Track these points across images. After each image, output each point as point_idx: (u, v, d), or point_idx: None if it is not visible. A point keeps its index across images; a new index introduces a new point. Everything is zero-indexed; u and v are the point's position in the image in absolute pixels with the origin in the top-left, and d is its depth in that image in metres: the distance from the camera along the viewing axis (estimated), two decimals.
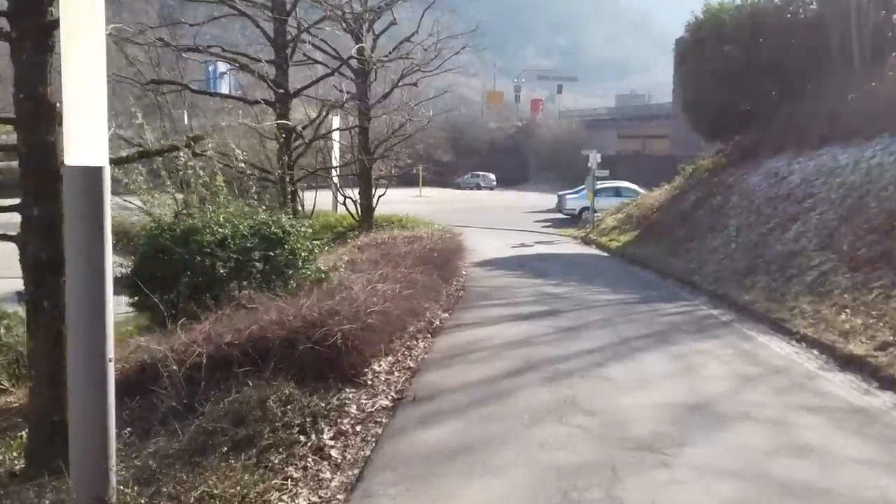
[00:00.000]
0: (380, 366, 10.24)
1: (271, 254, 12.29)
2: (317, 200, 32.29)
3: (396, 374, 10.20)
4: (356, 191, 26.93)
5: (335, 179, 28.98)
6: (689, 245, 23.56)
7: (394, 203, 47.88)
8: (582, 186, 39.66)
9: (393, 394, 9.31)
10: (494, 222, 38.22)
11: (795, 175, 22.07)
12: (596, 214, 34.06)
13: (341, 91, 22.03)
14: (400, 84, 23.13)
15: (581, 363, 11.13)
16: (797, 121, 24.63)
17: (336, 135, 28.77)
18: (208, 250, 11.71)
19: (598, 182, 35.24)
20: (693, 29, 30.68)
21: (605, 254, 27.77)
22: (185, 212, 12.30)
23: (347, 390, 9.02)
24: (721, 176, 27.51)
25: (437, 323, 13.82)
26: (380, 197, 27.27)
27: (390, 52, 21.68)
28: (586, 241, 31.36)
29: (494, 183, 74.16)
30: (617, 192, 38.94)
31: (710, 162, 30.55)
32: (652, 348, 12.35)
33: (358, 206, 25.88)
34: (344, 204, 27.49)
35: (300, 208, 26.83)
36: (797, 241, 18.53)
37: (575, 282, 20.00)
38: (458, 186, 72.70)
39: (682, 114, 35.24)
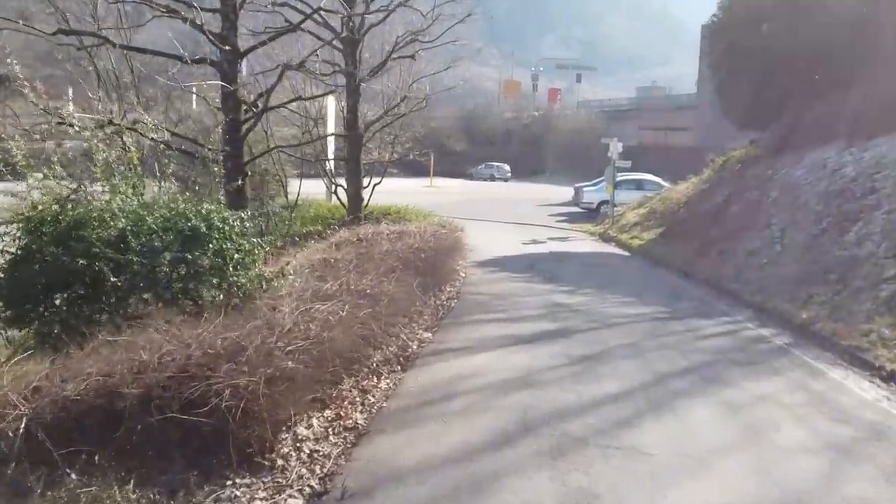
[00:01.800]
0: (308, 426, 6.97)
1: (189, 255, 9.03)
2: (308, 190, 29.34)
3: (332, 439, 6.91)
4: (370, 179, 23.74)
5: (329, 166, 25.71)
6: (723, 246, 20.16)
7: (402, 193, 44.85)
8: (600, 178, 36.23)
9: (314, 482, 6.01)
10: (506, 216, 34.80)
11: (849, 168, 18.61)
12: (616, 209, 30.63)
13: (328, 63, 18.82)
14: (395, 55, 19.86)
15: (601, 420, 7.81)
16: (846, 107, 21.15)
17: (331, 116, 25.54)
18: (97, 250, 8.47)
19: (619, 174, 31.82)
20: (726, 6, 27.19)
21: (626, 253, 24.37)
22: (74, 197, 9.08)
23: (238, 480, 5.74)
24: (756, 168, 24.05)
25: (414, 348, 10.54)
26: (375, 185, 23.98)
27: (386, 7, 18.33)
28: (605, 238, 27.94)
29: (509, 174, 70.59)
30: (639, 184, 35.46)
31: (743, 153, 27.12)
32: (697, 393, 9.03)
33: (346, 195, 22.64)
34: (335, 193, 24.25)
35: (285, 197, 23.79)
36: (860, 245, 15.18)
37: (592, 289, 16.67)
38: (472, 177, 69.18)
39: (711, 102, 31.88)
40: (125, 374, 5.85)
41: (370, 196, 23.72)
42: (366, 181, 23.75)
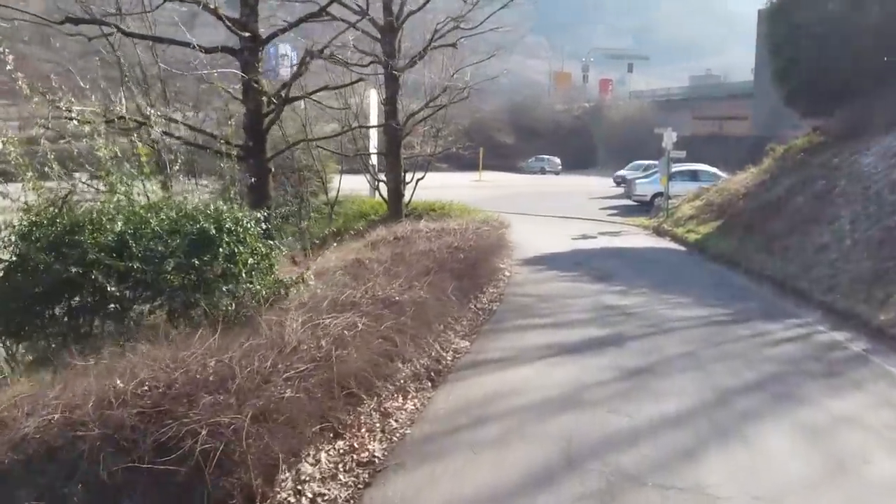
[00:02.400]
0: (315, 462, 5.97)
1: (196, 261, 8.12)
2: (352, 185, 28.56)
3: (342, 477, 5.91)
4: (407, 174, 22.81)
5: (372, 161, 24.80)
6: (788, 240, 18.71)
7: (449, 188, 43.87)
8: (654, 169, 34.71)
9: None
10: (555, 210, 33.51)
11: None
12: (670, 201, 29.16)
13: (365, 53, 17.82)
14: (435, 44, 18.78)
15: (658, 452, 6.69)
16: None
17: (373, 110, 24.63)
18: (93, 257, 7.60)
19: (674, 165, 30.33)
20: None
21: (682, 248, 22.97)
22: (70, 198, 8.20)
23: None
24: (821, 157, 22.47)
25: (448, 360, 9.50)
26: (418, 181, 22.97)
27: None
28: (659, 233, 26.54)
29: (560, 167, 68.96)
30: (694, 175, 33.81)
31: (806, 141, 25.53)
32: (768, 413, 7.85)
33: (386, 191, 21.69)
34: (377, 189, 23.34)
35: (325, 194, 22.95)
36: None
37: (646, 288, 15.44)
38: (522, 171, 67.71)
39: (769, 89, 30.11)
40: (90, 410, 4.91)
41: (413, 192, 22.74)
42: (408, 176, 22.79)
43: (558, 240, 23.31)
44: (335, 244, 18.69)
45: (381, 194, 22.61)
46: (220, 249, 8.31)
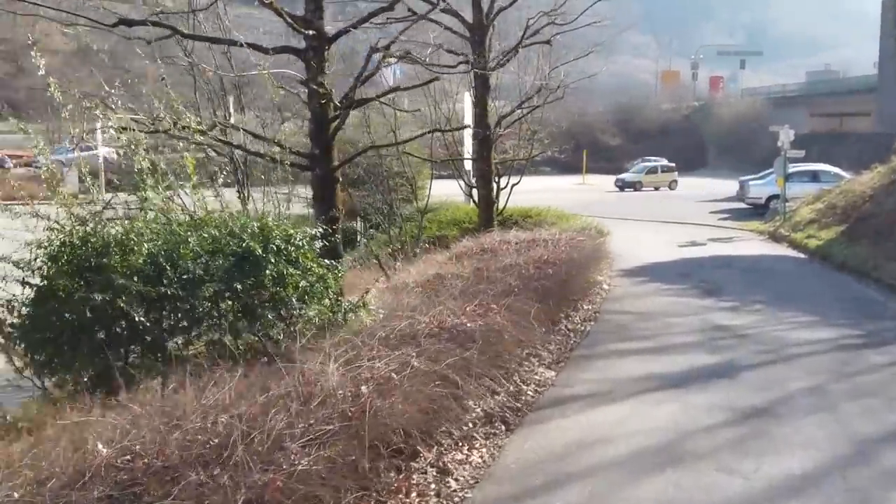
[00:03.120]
0: None
1: (238, 286, 7.14)
2: (448, 191, 27.54)
3: None
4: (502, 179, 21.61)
5: (467, 166, 23.63)
6: None
7: (551, 192, 42.40)
8: (769, 170, 32.32)
9: None
10: (661, 214, 31.62)
11: None
12: (787, 204, 26.89)
13: (452, 52, 16.69)
14: (527, 41, 17.45)
15: None
16: None
17: (467, 113, 23.47)
18: (122, 283, 6.71)
19: (791, 165, 28.01)
20: None
21: (801, 255, 20.91)
22: (101, 214, 7.29)
23: None
24: None
25: (528, 394, 8.23)
26: (513, 186, 21.65)
27: None
28: (775, 238, 24.40)
29: None
30: (814, 176, 31.24)
31: None
32: None
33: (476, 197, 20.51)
34: (470, 195, 22.19)
35: (416, 201, 21.92)
36: None
37: (761, 304, 13.74)
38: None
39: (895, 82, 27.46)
40: (46, 491, 3.91)
41: (508, 197, 21.47)
42: (503, 181, 21.55)
43: (663, 247, 21.63)
44: (425, 253, 17.77)
45: (474, 201, 21.41)
46: (267, 271, 7.30)
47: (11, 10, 11.47)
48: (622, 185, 48.37)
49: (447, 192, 28.07)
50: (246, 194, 13.57)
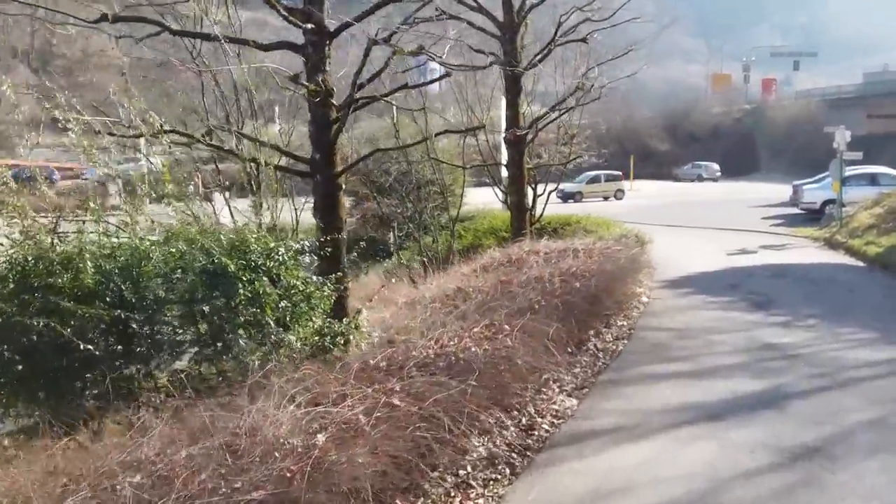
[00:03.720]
0: None
1: (206, 308, 6.25)
2: (482, 199, 26.67)
3: None
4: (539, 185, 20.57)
5: (504, 173, 22.59)
6: None
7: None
8: (824, 174, 30.64)
9: None
10: (711, 220, 30.07)
11: None
12: (844, 209, 25.27)
13: (482, 52, 15.68)
14: (561, 39, 16.32)
15: None
16: None
17: (504, 118, 22.47)
18: (67, 306, 5.86)
19: (848, 168, 26.37)
20: None
21: (860, 264, 19.39)
22: (57, 226, 6.44)
23: None
24: None
25: (543, 427, 7.18)
26: (551, 192, 20.57)
27: None
28: (831, 245, 22.83)
29: (718, 173, 64.03)
30: (872, 179, 29.47)
31: None
32: None
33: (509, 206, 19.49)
34: (506, 202, 21.15)
35: (446, 210, 20.96)
36: None
37: (815, 318, 12.46)
38: (677, 178, 63.42)
39: None
40: None
41: (545, 204, 20.39)
42: (540, 188, 20.50)
43: (711, 256, 20.31)
44: (459, 264, 16.80)
45: (509, 208, 20.35)
46: (241, 290, 6.39)
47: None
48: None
49: (486, 199, 27.11)
50: (259, 203, 12.75)
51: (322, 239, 9.05)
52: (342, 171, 9.15)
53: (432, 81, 9.13)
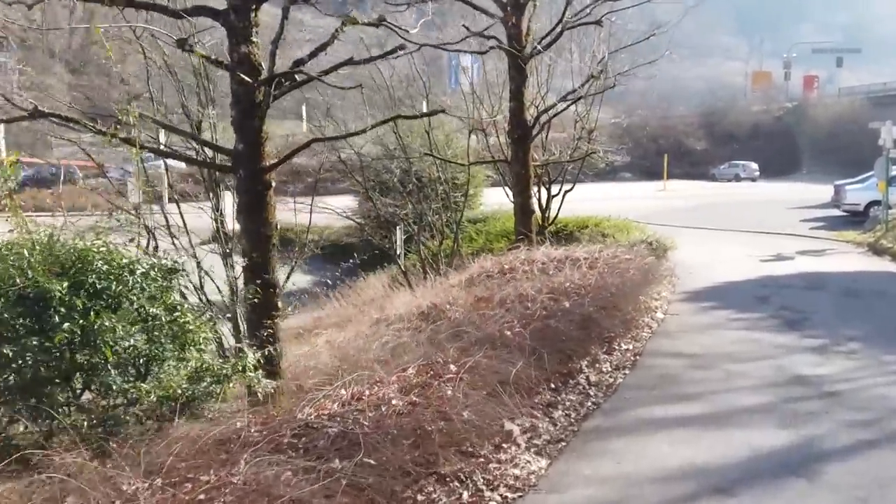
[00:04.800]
0: None
1: (9, 351, 4.51)
2: (499, 199, 24.73)
3: None
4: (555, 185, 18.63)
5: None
6: None
7: (626, 199, 38.85)
8: (869, 173, 28.24)
9: None
10: (746, 223, 27.74)
11: None
12: (891, 211, 22.93)
13: (482, 35, 13.84)
14: (572, 21, 14.28)
15: None
16: None
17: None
18: None
19: (895, 166, 24.02)
20: None
21: None
22: None
23: None
24: None
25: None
26: (566, 193, 18.60)
27: None
28: (876, 251, 20.55)
29: (757, 173, 60.96)
30: None
31: None
32: None
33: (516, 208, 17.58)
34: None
35: (457, 211, 19.11)
36: None
37: (858, 341, 10.43)
38: (714, 178, 60.51)
39: None
40: None
41: (560, 206, 18.46)
42: (555, 188, 18.59)
43: (742, 262, 18.22)
44: (457, 269, 15.01)
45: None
46: (66, 324, 4.63)
47: None
48: None
49: (503, 199, 25.23)
50: (215, 205, 11.08)
51: (250, 247, 7.34)
52: (272, 166, 7.37)
53: (384, 55, 7.29)
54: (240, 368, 5.46)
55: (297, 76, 7.45)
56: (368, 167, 18.61)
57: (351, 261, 19.30)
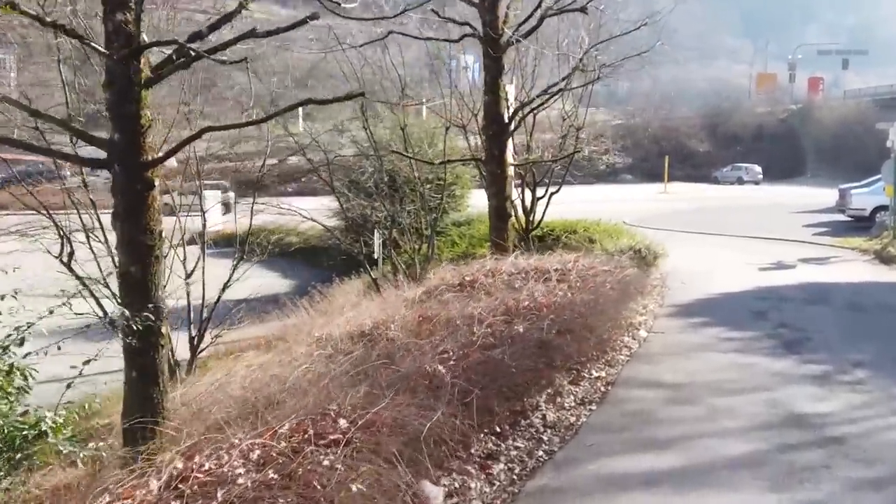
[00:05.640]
0: None
1: None
2: (483, 202, 23.42)
3: None
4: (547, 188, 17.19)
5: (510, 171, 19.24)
6: None
7: (625, 202, 37.43)
8: (875, 177, 26.75)
9: None
10: (747, 228, 26.23)
11: None
12: None
13: (453, 21, 12.45)
14: (554, 7, 12.86)
15: None
16: None
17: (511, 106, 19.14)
18: None
19: None
20: None
21: None
22: None
23: None
24: None
25: None
26: (552, 195, 17.12)
27: None
28: (883, 259, 19.05)
29: (760, 176, 59.12)
30: None
31: None
32: None
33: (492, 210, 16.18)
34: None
35: (425, 213, 17.65)
36: None
37: (866, 367, 9.02)
38: (716, 181, 58.75)
39: None
40: None
41: (546, 208, 17.01)
42: (541, 191, 17.14)
43: (740, 271, 16.83)
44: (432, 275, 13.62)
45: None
46: None
47: None
48: None
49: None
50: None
51: (127, 261, 5.97)
52: (155, 161, 5.98)
53: (291, 27, 5.92)
54: (49, 428, 4.07)
55: (187, 53, 6.01)
56: (340, 166, 17.28)
57: (327, 265, 18.08)
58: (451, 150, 19.74)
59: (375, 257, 17.88)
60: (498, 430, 6.29)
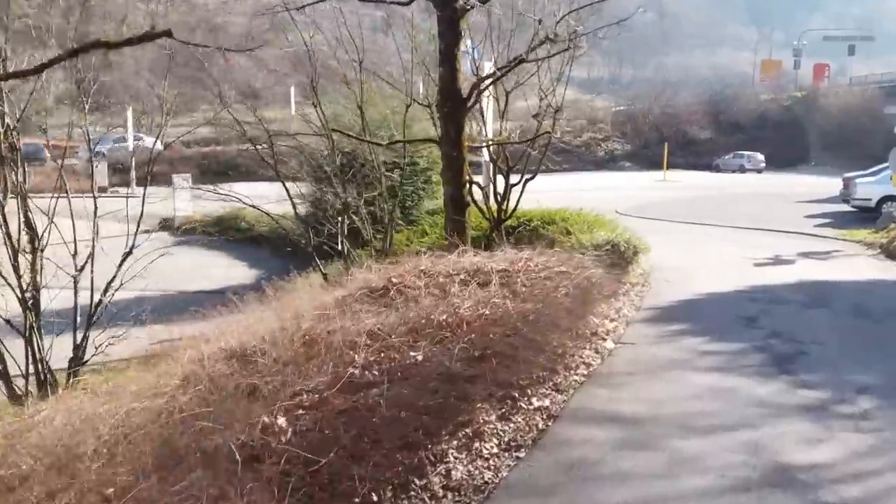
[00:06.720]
0: None
1: None
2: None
3: None
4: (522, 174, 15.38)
5: (485, 157, 17.39)
6: None
7: (621, 190, 35.59)
8: (882, 165, 24.95)
9: None
10: (745, 218, 24.39)
11: None
12: None
13: None
14: None
15: None
16: None
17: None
18: None
19: None
20: None
21: None
22: None
23: None
24: None
25: None
26: (526, 182, 15.27)
27: None
28: (889, 253, 17.22)
29: (762, 164, 56.97)
30: None
31: None
32: None
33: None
34: (471, 193, 15.97)
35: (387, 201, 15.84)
36: None
37: (872, 393, 7.29)
38: (718, 168, 56.71)
39: None
40: None
41: (520, 196, 15.20)
42: (515, 178, 15.31)
43: (733, 267, 15.08)
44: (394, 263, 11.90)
45: (474, 200, 15.03)
46: None
47: None
48: None
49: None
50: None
51: None
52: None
53: None
54: None
55: None
56: (300, 151, 15.57)
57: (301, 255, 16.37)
58: (424, 132, 17.96)
59: (340, 248, 16.15)
60: (375, 499, 4.56)
